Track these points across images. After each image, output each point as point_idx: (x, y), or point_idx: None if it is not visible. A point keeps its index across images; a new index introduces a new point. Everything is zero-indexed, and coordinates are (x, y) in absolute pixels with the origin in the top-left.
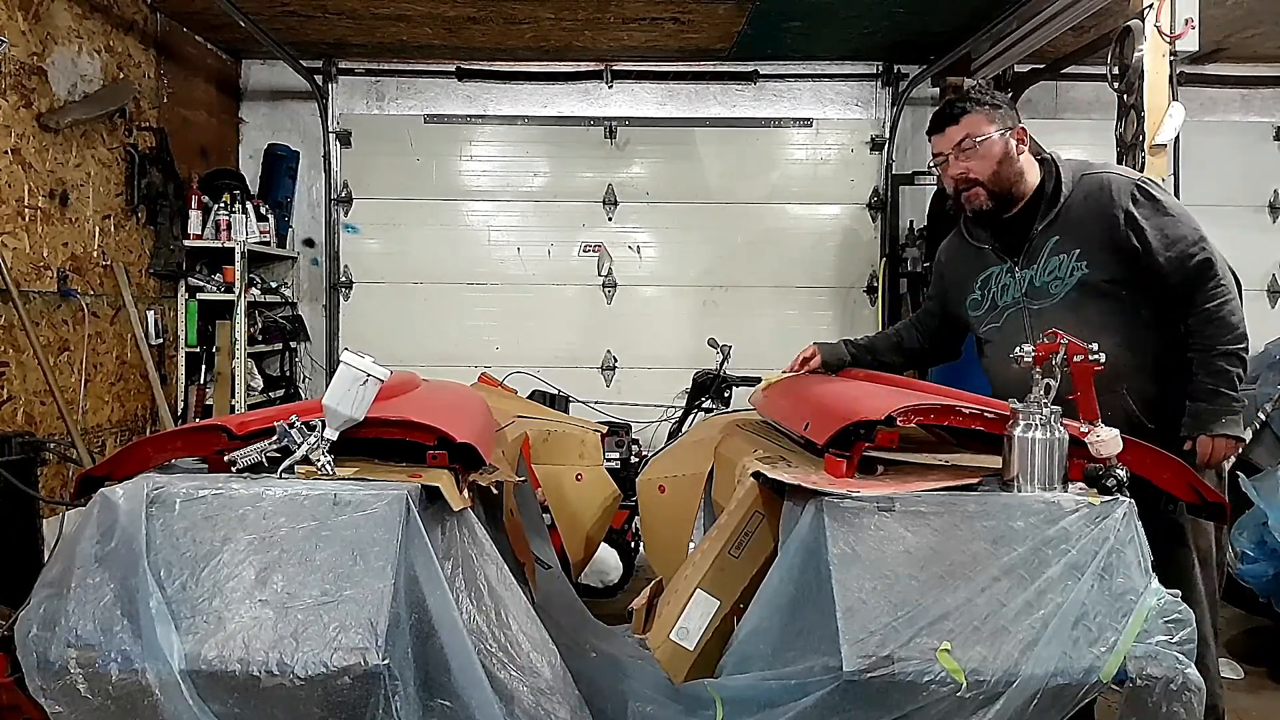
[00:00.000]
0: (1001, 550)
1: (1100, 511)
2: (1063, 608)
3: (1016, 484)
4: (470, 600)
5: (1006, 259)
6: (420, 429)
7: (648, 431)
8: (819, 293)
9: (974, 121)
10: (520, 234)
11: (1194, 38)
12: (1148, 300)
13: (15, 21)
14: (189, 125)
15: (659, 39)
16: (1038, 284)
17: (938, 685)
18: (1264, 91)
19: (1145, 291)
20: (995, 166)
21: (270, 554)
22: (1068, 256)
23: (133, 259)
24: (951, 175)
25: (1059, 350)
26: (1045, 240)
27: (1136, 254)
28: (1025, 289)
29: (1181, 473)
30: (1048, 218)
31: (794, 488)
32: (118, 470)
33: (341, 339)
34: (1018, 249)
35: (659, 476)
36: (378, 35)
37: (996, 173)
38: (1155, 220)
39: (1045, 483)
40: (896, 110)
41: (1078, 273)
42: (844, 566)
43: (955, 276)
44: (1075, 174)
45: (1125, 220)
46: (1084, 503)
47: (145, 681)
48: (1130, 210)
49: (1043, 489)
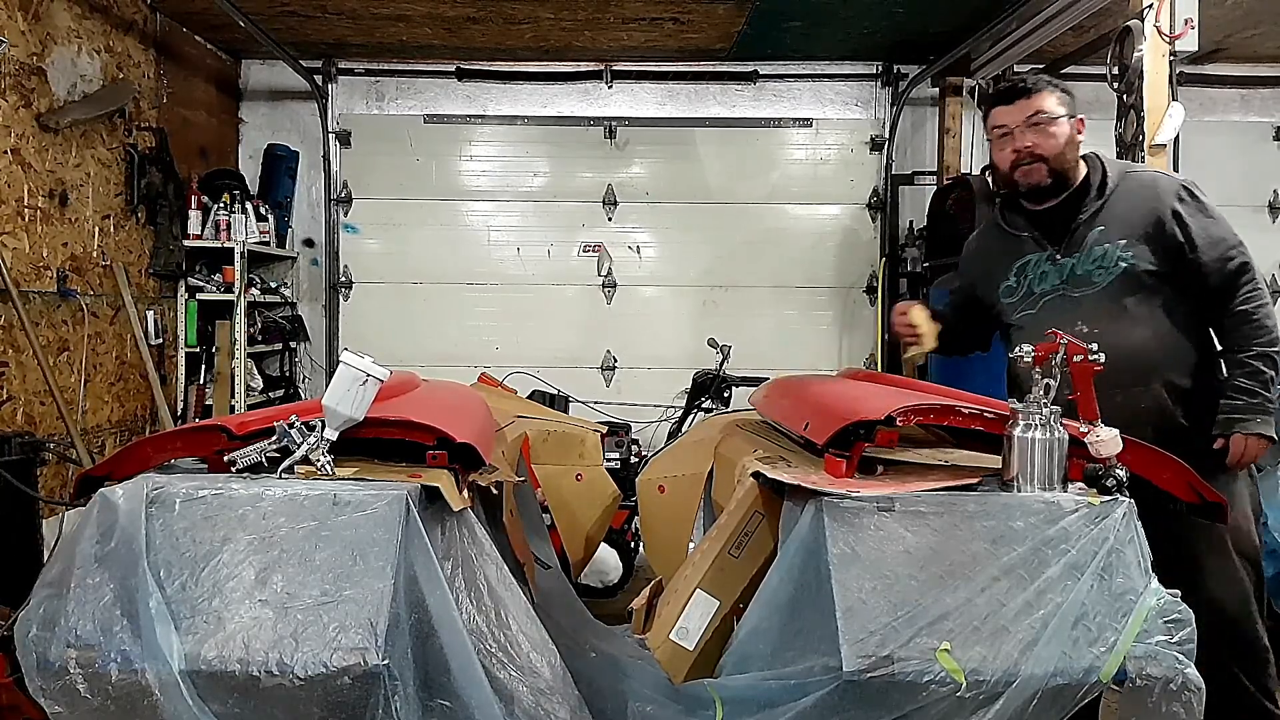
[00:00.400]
0: (1001, 550)
1: (1100, 511)
2: (1062, 608)
3: (1016, 484)
4: (470, 600)
5: (1047, 247)
6: (420, 429)
7: (647, 431)
8: (819, 293)
9: (1047, 99)
10: (520, 234)
11: (1193, 38)
12: (1185, 297)
13: (15, 21)
14: (189, 125)
15: (659, 39)
16: (1079, 272)
17: (937, 685)
18: (1263, 91)
19: (1184, 288)
20: (1061, 147)
21: (270, 554)
22: (1113, 246)
23: (132, 259)
24: (1016, 148)
25: (1059, 350)
26: (1090, 230)
27: (1181, 250)
28: (1066, 277)
29: (1181, 473)
30: (1093, 209)
31: (794, 488)
32: (117, 470)
33: (341, 339)
34: (1059, 237)
35: (659, 476)
36: (377, 35)
37: (1061, 154)
38: (1199, 220)
39: (1045, 483)
40: (896, 110)
41: (1123, 263)
42: (844, 566)
43: (987, 264)
44: (1120, 171)
45: (1172, 216)
46: (1084, 503)
47: (145, 682)
48: (1176, 208)
49: (1042, 489)
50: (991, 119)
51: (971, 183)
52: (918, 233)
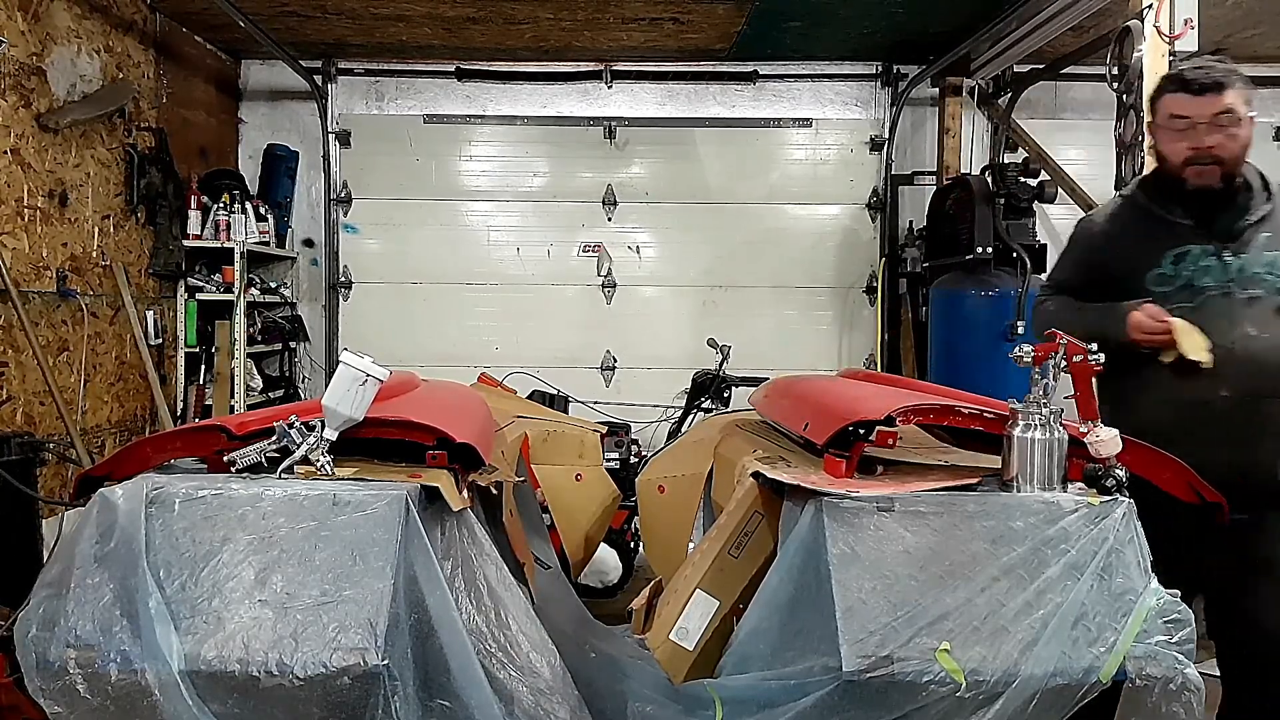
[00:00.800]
0: (1001, 550)
1: (1100, 511)
2: (1062, 608)
3: (1016, 484)
4: (470, 600)
5: (1211, 240)
6: (419, 429)
7: (647, 431)
8: (818, 293)
9: (1238, 97)
10: (520, 234)
11: (1193, 38)
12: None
13: (14, 22)
14: (188, 125)
15: (658, 39)
16: (1249, 273)
17: (937, 685)
18: (1263, 92)
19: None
20: (1239, 150)
21: (270, 554)
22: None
23: (132, 259)
24: (1195, 145)
25: (1058, 350)
26: (1257, 233)
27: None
28: (1234, 276)
29: (1181, 473)
30: (1260, 212)
31: (793, 488)
32: (117, 470)
33: (341, 339)
34: (1227, 235)
35: (658, 477)
36: (377, 35)
37: (1238, 157)
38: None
39: (1045, 483)
40: (896, 110)
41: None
42: (843, 566)
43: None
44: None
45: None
46: (1083, 503)
47: (144, 682)
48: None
49: (1042, 489)
50: (1170, 105)
51: (971, 183)
52: (917, 233)
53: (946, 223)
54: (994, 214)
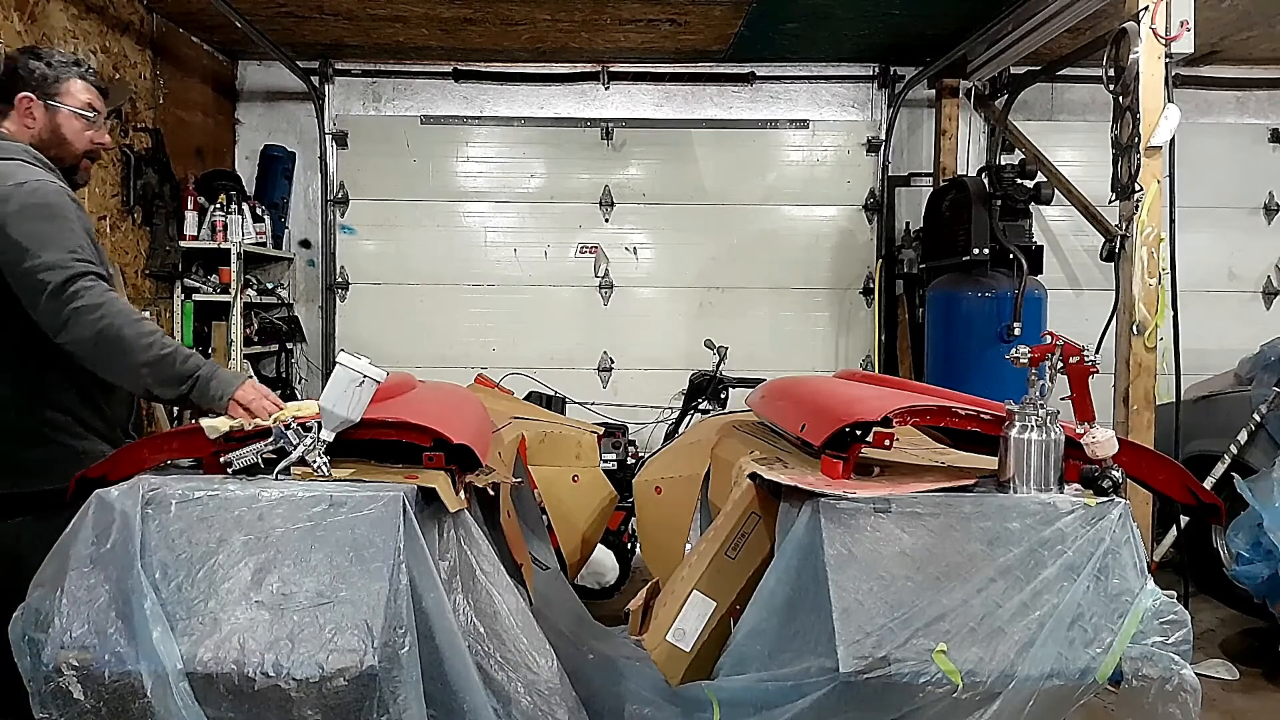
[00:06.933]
0: (997, 551)
1: (1096, 513)
2: (1059, 609)
3: (1012, 485)
4: (467, 602)
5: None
6: (417, 430)
7: (644, 433)
8: (815, 294)
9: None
10: (517, 235)
11: (1189, 40)
12: None
13: (11, 22)
14: (185, 126)
15: (655, 40)
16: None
17: (934, 686)
18: (1259, 93)
19: None
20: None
21: (266, 555)
22: None
23: (128, 260)
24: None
25: (1055, 351)
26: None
27: None
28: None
29: (1177, 474)
30: None
31: (790, 489)
32: (113, 471)
33: (338, 340)
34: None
35: (655, 478)
36: (374, 36)
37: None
38: None
39: (1041, 484)
40: (893, 112)
41: None
42: (840, 568)
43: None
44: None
45: None
46: (1080, 504)
47: (140, 683)
48: None
49: (1039, 490)
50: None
51: (968, 184)
52: (914, 234)
53: (943, 224)
54: (990, 215)
